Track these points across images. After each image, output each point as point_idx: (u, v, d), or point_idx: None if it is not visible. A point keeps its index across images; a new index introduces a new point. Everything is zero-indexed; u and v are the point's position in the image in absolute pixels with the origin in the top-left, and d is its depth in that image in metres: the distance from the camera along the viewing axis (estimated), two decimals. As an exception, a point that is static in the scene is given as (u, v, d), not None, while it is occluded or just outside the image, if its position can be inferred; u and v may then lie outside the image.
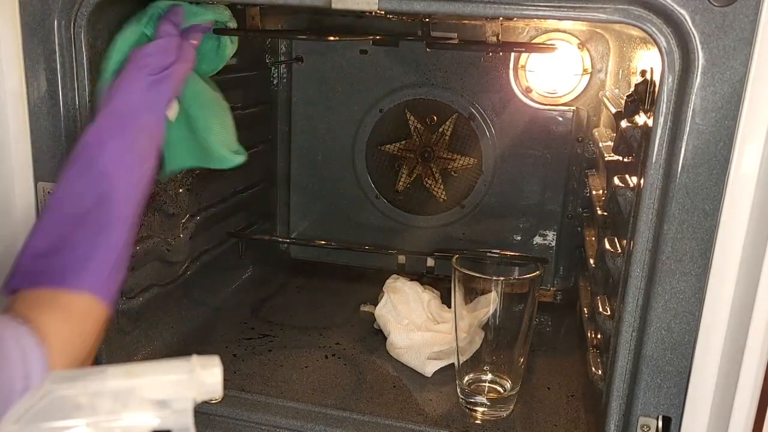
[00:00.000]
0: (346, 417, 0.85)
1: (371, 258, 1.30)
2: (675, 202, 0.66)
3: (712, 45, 0.62)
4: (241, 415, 0.85)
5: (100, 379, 0.35)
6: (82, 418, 0.34)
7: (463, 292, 0.86)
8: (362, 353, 1.02)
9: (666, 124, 0.66)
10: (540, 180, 1.23)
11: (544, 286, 1.24)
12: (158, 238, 0.99)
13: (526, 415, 0.88)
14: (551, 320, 1.17)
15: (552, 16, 0.67)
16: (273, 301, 1.20)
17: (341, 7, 0.71)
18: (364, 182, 1.30)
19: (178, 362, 0.37)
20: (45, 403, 0.34)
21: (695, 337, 0.69)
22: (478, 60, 1.20)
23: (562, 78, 1.17)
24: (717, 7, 0.61)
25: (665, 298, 0.68)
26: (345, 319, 1.13)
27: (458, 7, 0.69)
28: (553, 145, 1.20)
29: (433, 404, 0.89)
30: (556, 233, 1.24)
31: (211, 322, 1.10)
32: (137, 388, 0.35)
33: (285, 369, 0.96)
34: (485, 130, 1.23)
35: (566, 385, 0.95)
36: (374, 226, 1.31)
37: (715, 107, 0.63)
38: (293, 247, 1.37)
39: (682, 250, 0.67)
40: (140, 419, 0.35)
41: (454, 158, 1.25)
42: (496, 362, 0.87)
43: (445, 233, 1.28)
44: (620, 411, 0.74)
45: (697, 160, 0.64)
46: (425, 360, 0.96)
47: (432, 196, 1.28)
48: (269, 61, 1.27)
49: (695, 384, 0.70)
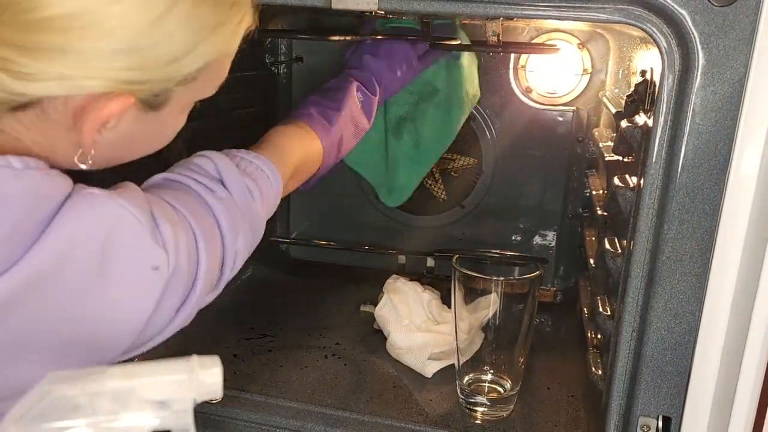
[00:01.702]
0: (346, 417, 0.85)
1: (371, 258, 1.30)
2: (675, 202, 0.66)
3: (712, 45, 0.62)
4: (241, 415, 0.85)
5: (99, 379, 0.35)
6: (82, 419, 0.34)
7: (463, 292, 0.86)
8: (362, 353, 1.02)
9: (666, 124, 0.66)
10: (540, 180, 1.23)
11: (544, 286, 1.23)
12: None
13: (526, 415, 0.88)
14: (551, 320, 1.17)
15: (552, 16, 0.67)
16: (273, 301, 1.20)
17: (341, 7, 0.71)
18: (364, 182, 1.30)
19: (178, 362, 0.37)
20: (45, 403, 0.34)
21: (695, 337, 0.69)
22: (478, 60, 1.20)
23: (562, 78, 1.17)
24: (717, 7, 0.61)
25: (665, 298, 0.68)
26: (345, 319, 1.13)
27: (458, 7, 0.69)
28: (553, 145, 1.20)
29: (433, 404, 0.89)
30: (556, 233, 1.24)
31: (211, 322, 1.09)
32: (137, 388, 0.35)
33: (285, 369, 0.96)
34: (485, 130, 1.23)
35: (566, 385, 0.95)
36: (374, 226, 1.31)
37: (715, 107, 0.63)
38: (293, 247, 1.37)
39: (682, 250, 0.67)
40: (140, 420, 0.35)
41: (454, 158, 1.25)
42: (496, 362, 0.87)
43: (445, 233, 1.28)
44: (620, 411, 0.74)
45: (697, 160, 0.64)
46: (425, 361, 0.96)
47: (432, 196, 1.28)
48: (269, 61, 1.27)
49: (695, 384, 0.70)
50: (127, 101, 0.51)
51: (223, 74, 0.59)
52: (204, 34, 0.52)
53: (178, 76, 0.52)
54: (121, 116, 0.52)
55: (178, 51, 0.51)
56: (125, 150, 0.59)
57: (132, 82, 0.50)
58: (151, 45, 0.50)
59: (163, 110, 0.55)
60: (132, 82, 0.50)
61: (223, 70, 0.59)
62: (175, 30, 0.50)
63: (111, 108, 0.51)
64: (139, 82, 0.50)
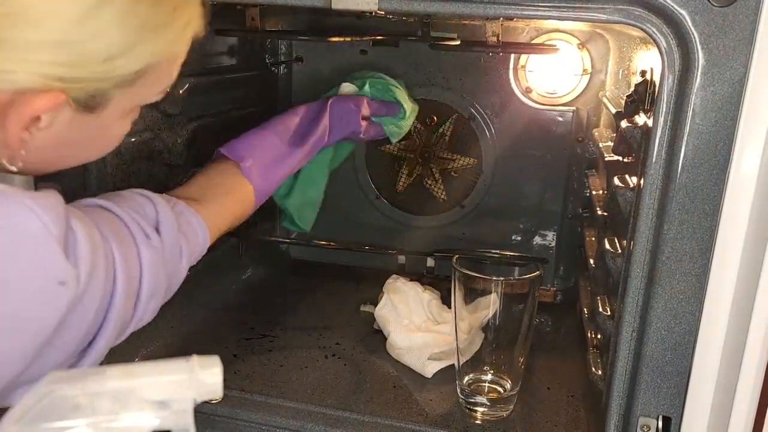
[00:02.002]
0: (346, 417, 0.85)
1: (371, 258, 1.30)
2: (675, 202, 0.66)
3: (712, 45, 0.62)
4: (241, 415, 0.85)
5: (99, 379, 0.35)
6: (82, 419, 0.34)
7: (463, 292, 0.86)
8: (362, 353, 1.02)
9: (666, 124, 0.66)
10: (540, 180, 1.23)
11: (544, 286, 1.23)
12: (158, 238, 0.98)
13: (526, 415, 0.88)
14: (551, 320, 1.17)
15: (552, 17, 0.67)
16: (273, 301, 1.20)
17: (341, 7, 0.71)
18: (364, 183, 1.30)
19: (178, 362, 0.37)
20: (45, 403, 0.34)
21: (695, 337, 0.68)
22: (478, 60, 1.20)
23: (562, 78, 1.17)
24: (717, 7, 0.61)
25: (665, 298, 0.68)
26: (345, 319, 1.13)
27: (458, 7, 0.69)
28: (553, 145, 1.20)
29: (433, 404, 0.89)
30: (556, 233, 1.24)
31: (211, 322, 1.09)
32: (137, 388, 0.35)
33: (285, 369, 0.96)
34: (485, 130, 1.23)
35: (566, 385, 0.95)
36: (374, 226, 1.31)
37: (715, 107, 0.63)
38: (293, 247, 1.37)
39: (682, 250, 0.67)
40: (140, 420, 0.35)
41: (454, 158, 1.25)
42: (496, 362, 0.87)
43: (445, 233, 1.28)
44: (620, 411, 0.74)
45: (697, 160, 0.64)
46: (426, 361, 0.96)
47: (432, 197, 1.28)
48: (269, 62, 1.27)
49: (695, 384, 0.70)
50: (57, 99, 0.48)
51: (167, 79, 0.56)
52: (143, 35, 0.50)
53: (115, 77, 0.50)
54: (53, 115, 0.50)
55: (113, 49, 0.49)
56: (63, 154, 0.56)
57: (62, 79, 0.47)
58: (83, 40, 0.47)
59: (101, 113, 0.52)
60: (62, 78, 0.47)
61: (168, 75, 0.56)
62: (108, 26, 0.48)
63: (38, 104, 0.48)
64: (71, 79, 0.48)
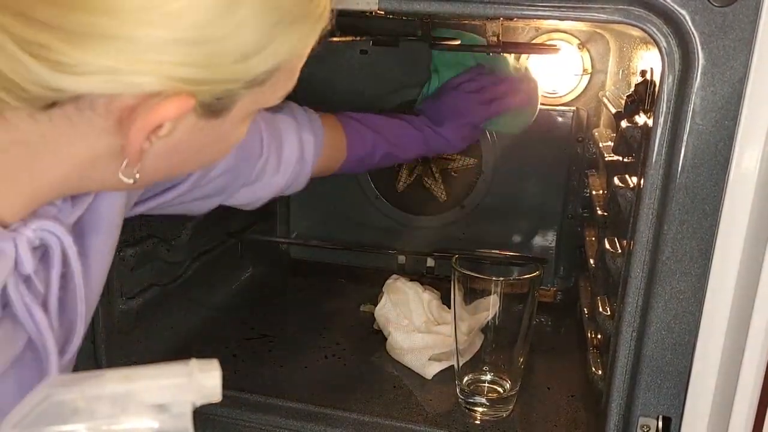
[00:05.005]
0: (346, 417, 0.85)
1: (371, 258, 1.30)
2: (675, 202, 0.66)
3: (712, 45, 0.62)
4: (241, 415, 0.85)
5: (98, 383, 0.35)
6: (81, 423, 0.34)
7: (463, 292, 0.86)
8: (362, 353, 1.02)
9: (666, 124, 0.66)
10: (540, 180, 1.22)
11: (544, 286, 1.23)
12: (158, 238, 0.99)
13: (526, 415, 0.88)
14: (551, 320, 1.17)
15: (552, 17, 0.67)
16: (273, 301, 1.20)
17: (341, 7, 0.70)
18: (364, 182, 1.30)
19: (177, 366, 0.36)
20: (43, 407, 0.34)
21: (695, 337, 0.68)
22: (478, 60, 1.19)
23: (562, 78, 1.17)
24: (717, 7, 0.61)
25: (665, 298, 0.68)
26: (345, 319, 1.13)
27: (458, 7, 0.69)
28: (553, 145, 1.20)
29: (433, 404, 0.89)
30: (556, 233, 1.24)
31: (211, 322, 1.10)
32: (136, 392, 0.35)
33: (285, 369, 0.96)
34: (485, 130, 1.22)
35: (566, 385, 0.95)
36: (374, 226, 1.31)
37: (715, 107, 0.63)
38: (293, 247, 1.37)
39: (682, 250, 0.67)
40: (139, 423, 0.35)
41: (454, 158, 1.25)
42: (496, 362, 0.87)
43: (445, 233, 1.28)
44: (620, 411, 0.74)
45: (697, 160, 0.64)
46: (426, 362, 0.96)
47: (432, 196, 1.28)
48: (269, 61, 1.27)
49: (695, 384, 0.70)
50: (186, 104, 0.42)
51: (293, 80, 0.50)
52: (279, 30, 0.43)
53: (246, 78, 0.44)
54: (177, 121, 0.43)
55: (249, 47, 0.42)
56: (174, 164, 0.50)
57: (193, 81, 0.41)
58: (220, 38, 0.41)
59: (224, 118, 0.47)
60: (193, 81, 0.41)
61: (294, 75, 0.50)
62: (247, 21, 0.41)
63: (166, 111, 0.42)
64: (202, 81, 0.42)
